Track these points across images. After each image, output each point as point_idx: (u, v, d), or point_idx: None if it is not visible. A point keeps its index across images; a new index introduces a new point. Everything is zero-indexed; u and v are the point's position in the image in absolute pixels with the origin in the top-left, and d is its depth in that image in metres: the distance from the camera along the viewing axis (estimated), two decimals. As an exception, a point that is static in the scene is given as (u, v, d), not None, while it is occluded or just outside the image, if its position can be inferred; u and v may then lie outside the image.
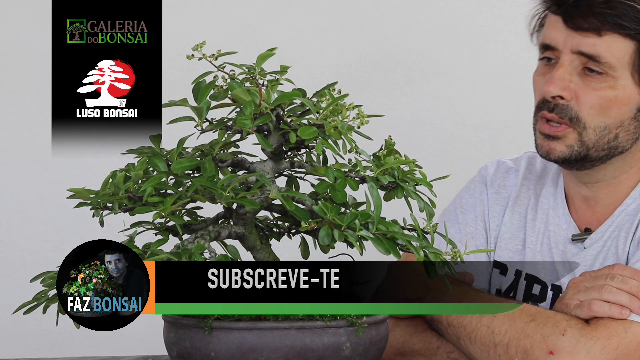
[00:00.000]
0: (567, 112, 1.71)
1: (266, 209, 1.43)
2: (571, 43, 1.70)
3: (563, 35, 1.71)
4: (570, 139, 1.72)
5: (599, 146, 1.72)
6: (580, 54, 1.70)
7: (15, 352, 2.67)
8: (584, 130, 1.71)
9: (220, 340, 1.37)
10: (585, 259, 1.78)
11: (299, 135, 1.35)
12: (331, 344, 1.38)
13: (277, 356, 1.36)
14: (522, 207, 1.88)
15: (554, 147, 1.73)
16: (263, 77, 1.40)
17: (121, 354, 2.51)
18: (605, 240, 1.77)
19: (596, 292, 1.58)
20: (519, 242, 1.87)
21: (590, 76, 1.70)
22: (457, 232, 1.90)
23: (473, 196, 1.93)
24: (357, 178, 1.41)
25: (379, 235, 1.37)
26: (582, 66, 1.71)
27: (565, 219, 1.82)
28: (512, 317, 1.57)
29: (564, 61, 1.71)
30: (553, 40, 1.73)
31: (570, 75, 1.71)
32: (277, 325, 1.37)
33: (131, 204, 1.35)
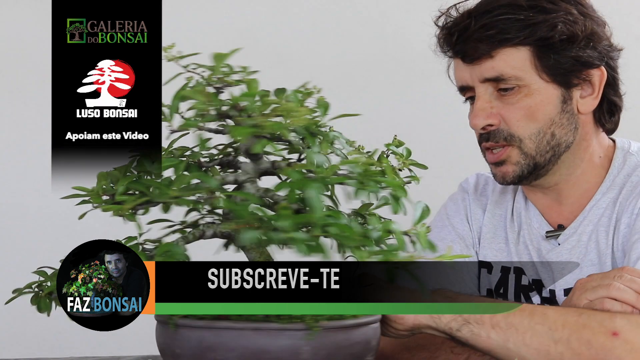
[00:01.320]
0: (500, 134, 1.78)
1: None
2: (476, 75, 1.78)
3: (467, 72, 1.79)
4: (514, 156, 1.78)
5: (541, 150, 1.78)
6: (488, 81, 1.77)
7: (15, 352, 2.67)
8: (521, 143, 1.77)
9: (184, 338, 1.38)
10: (561, 254, 1.82)
11: (232, 135, 1.35)
12: (287, 346, 1.34)
13: (233, 356, 1.34)
14: (502, 209, 1.94)
15: (505, 170, 1.80)
16: (225, 76, 1.41)
17: (121, 354, 2.51)
18: (580, 234, 1.81)
19: (604, 290, 1.59)
20: (501, 240, 1.92)
21: (507, 94, 1.76)
22: (448, 234, 1.96)
23: (456, 203, 2.00)
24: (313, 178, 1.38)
25: (315, 237, 1.33)
26: (495, 89, 1.77)
27: (537, 218, 1.87)
28: (563, 311, 1.56)
29: (479, 93, 1.78)
30: (463, 80, 1.81)
31: (490, 102, 1.78)
32: (232, 325, 1.36)
33: (109, 202, 1.37)
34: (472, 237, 1.95)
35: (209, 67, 1.40)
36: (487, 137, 1.79)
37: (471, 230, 1.95)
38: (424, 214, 1.42)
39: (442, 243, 1.94)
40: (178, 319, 1.39)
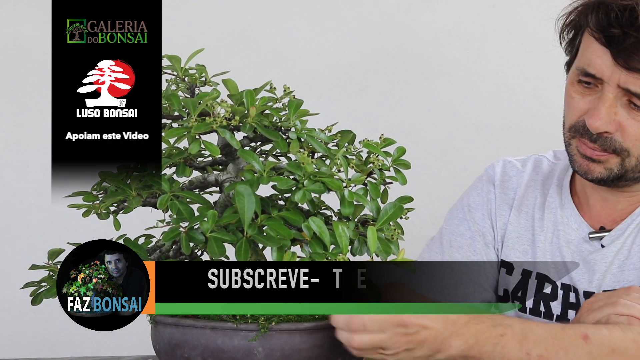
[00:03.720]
0: (611, 144, 1.71)
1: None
2: (619, 79, 1.68)
3: (610, 69, 1.69)
4: (612, 163, 1.73)
5: (637, 169, 1.74)
6: (627, 91, 1.68)
7: (15, 352, 2.68)
8: (627, 157, 1.72)
9: (159, 334, 1.41)
10: (605, 257, 1.79)
11: (165, 136, 1.36)
12: (242, 346, 1.36)
13: (196, 354, 1.37)
14: (529, 207, 1.89)
15: (593, 168, 1.74)
16: (192, 77, 1.41)
17: (121, 354, 2.51)
18: (626, 237, 1.79)
19: (610, 308, 1.58)
20: (527, 242, 1.87)
21: (636, 110, 1.69)
22: (467, 229, 1.91)
23: (480, 195, 1.94)
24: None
25: (250, 237, 1.33)
26: (626, 99, 1.69)
27: (575, 218, 1.83)
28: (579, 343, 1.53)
29: (609, 95, 1.70)
30: (599, 71, 1.70)
31: (616, 107, 1.70)
32: (194, 324, 1.38)
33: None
34: (494, 235, 1.90)
35: (170, 66, 1.41)
36: (594, 138, 1.71)
37: (493, 228, 1.91)
38: (391, 216, 1.41)
39: (461, 239, 1.91)
40: (157, 315, 1.40)
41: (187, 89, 1.43)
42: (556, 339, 1.51)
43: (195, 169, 1.46)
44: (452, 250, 1.90)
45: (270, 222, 1.33)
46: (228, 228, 1.33)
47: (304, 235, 1.34)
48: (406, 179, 1.44)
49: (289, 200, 1.38)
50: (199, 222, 1.33)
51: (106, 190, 1.39)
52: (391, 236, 1.39)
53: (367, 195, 1.39)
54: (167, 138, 1.36)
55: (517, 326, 1.51)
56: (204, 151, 1.40)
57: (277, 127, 1.39)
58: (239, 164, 1.43)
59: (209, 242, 1.32)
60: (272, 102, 1.41)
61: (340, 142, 1.45)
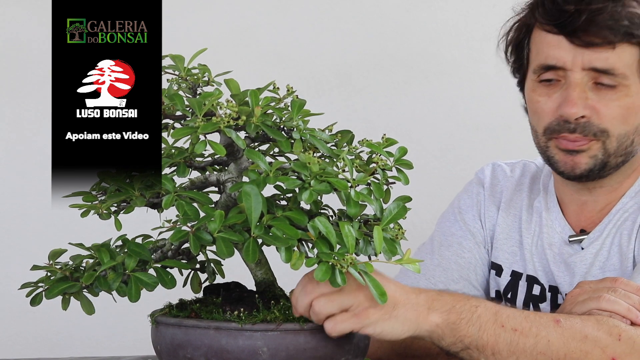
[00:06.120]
0: (591, 128, 1.71)
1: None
2: (581, 60, 1.69)
3: (570, 54, 1.69)
4: (595, 149, 1.72)
5: (618, 152, 1.73)
6: (592, 70, 1.69)
7: (15, 352, 2.67)
8: (607, 139, 1.72)
9: (161, 334, 1.40)
10: (585, 259, 1.79)
11: (172, 136, 1.36)
12: (247, 347, 1.35)
13: (199, 354, 1.36)
14: (517, 209, 1.90)
15: (578, 160, 1.73)
16: (193, 77, 1.42)
17: (121, 354, 2.51)
18: (604, 238, 1.78)
19: (594, 302, 1.56)
20: (515, 243, 1.88)
21: (604, 89, 1.69)
22: (458, 229, 1.93)
23: (470, 197, 1.96)
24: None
25: (257, 237, 1.32)
26: (592, 81, 1.69)
27: (559, 222, 1.84)
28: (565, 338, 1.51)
29: (576, 80, 1.70)
30: (559, 60, 1.70)
31: (585, 92, 1.70)
32: (197, 324, 1.37)
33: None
34: (484, 236, 1.91)
35: (173, 66, 1.42)
36: (572, 128, 1.71)
37: (483, 229, 1.91)
38: (395, 216, 1.40)
39: (452, 238, 1.91)
40: (156, 315, 1.40)
41: (189, 88, 1.42)
42: (529, 318, 1.50)
43: (195, 169, 1.46)
44: (442, 249, 1.91)
45: (276, 222, 1.32)
46: (234, 228, 1.32)
47: (309, 235, 1.33)
48: (409, 179, 1.44)
49: (292, 200, 1.38)
50: (205, 222, 1.32)
51: (105, 191, 1.39)
52: (395, 236, 1.39)
53: (371, 195, 1.39)
54: (174, 138, 1.35)
55: (489, 303, 1.51)
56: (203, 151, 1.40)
57: (280, 127, 1.39)
58: (240, 164, 1.42)
59: (217, 242, 1.31)
60: (275, 102, 1.41)
61: (340, 142, 1.45)
